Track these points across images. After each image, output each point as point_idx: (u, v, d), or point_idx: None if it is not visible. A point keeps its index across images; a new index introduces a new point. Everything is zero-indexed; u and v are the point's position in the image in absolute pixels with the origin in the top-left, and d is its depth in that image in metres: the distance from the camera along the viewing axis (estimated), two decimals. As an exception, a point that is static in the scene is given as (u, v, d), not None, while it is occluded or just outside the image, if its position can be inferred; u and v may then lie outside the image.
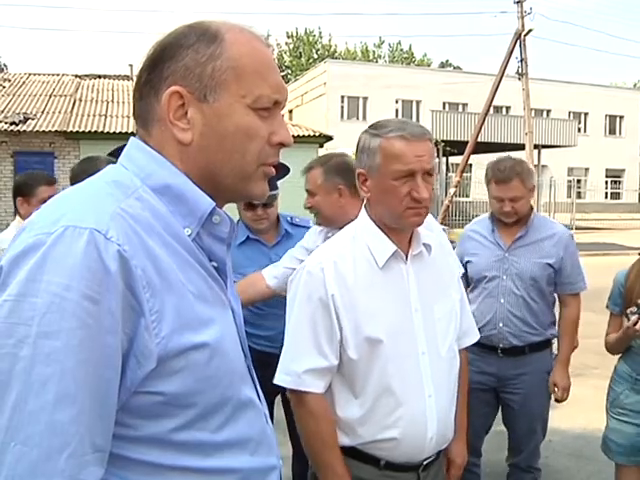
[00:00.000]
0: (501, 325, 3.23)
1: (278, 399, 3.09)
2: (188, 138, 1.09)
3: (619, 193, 40.78)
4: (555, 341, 3.42)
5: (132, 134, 1.18)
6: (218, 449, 1.10)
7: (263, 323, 3.17)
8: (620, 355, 3.08)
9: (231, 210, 2.10)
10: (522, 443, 3.35)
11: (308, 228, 3.06)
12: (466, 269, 3.36)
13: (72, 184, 2.97)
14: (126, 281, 0.95)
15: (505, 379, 3.29)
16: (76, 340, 0.89)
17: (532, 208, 3.30)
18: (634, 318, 2.77)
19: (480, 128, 21.08)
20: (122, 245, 0.95)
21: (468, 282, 3.41)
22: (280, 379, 1.92)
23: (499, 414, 3.51)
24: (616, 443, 2.99)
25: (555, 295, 3.38)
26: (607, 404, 3.10)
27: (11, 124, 16.22)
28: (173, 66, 1.07)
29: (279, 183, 3.17)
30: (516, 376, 3.26)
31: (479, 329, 3.29)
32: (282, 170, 3.13)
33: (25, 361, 0.88)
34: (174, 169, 1.09)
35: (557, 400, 3.33)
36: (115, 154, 1.15)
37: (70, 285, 0.90)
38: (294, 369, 1.89)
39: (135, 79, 1.14)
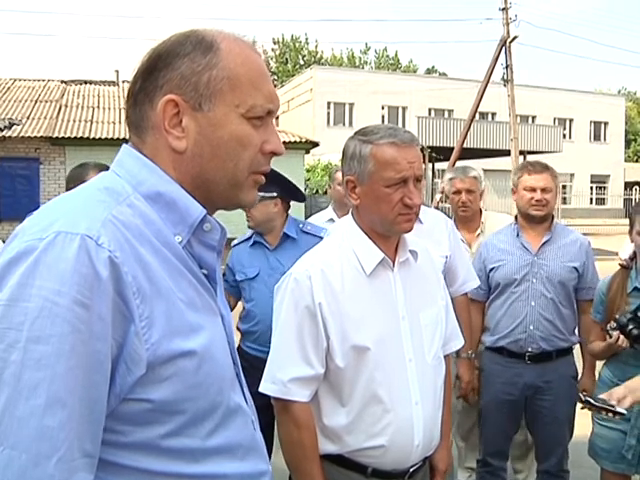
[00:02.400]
0: (532, 328, 3.27)
1: None
2: (182, 146, 1.09)
3: (604, 199, 41.03)
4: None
5: (118, 140, 1.19)
6: (208, 455, 1.10)
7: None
8: (604, 361, 3.10)
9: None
10: (552, 449, 3.37)
11: (319, 237, 3.08)
12: (488, 277, 3.43)
13: (67, 190, 2.99)
14: (117, 287, 0.95)
15: (534, 387, 3.34)
16: (67, 345, 0.89)
17: (553, 216, 3.40)
18: (615, 335, 2.80)
19: (466, 134, 21.19)
20: (113, 251, 0.95)
21: (490, 289, 3.46)
22: (265, 387, 1.89)
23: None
24: (601, 448, 3.00)
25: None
26: None
27: (-4, 129, 16.13)
28: (169, 74, 1.08)
29: None
30: (545, 383, 3.32)
31: (507, 334, 3.29)
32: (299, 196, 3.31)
33: (15, 366, 0.88)
34: (166, 176, 1.10)
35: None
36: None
37: (61, 290, 0.90)
38: (280, 377, 1.87)
39: (129, 86, 1.14)
